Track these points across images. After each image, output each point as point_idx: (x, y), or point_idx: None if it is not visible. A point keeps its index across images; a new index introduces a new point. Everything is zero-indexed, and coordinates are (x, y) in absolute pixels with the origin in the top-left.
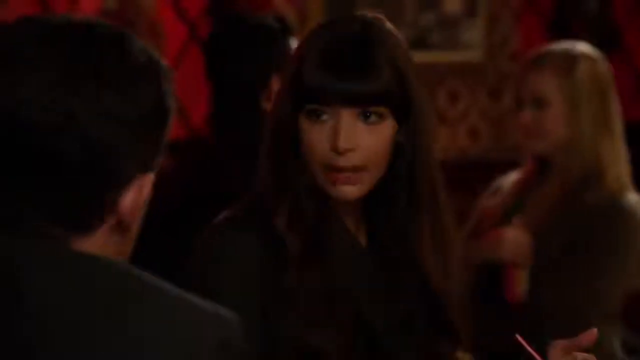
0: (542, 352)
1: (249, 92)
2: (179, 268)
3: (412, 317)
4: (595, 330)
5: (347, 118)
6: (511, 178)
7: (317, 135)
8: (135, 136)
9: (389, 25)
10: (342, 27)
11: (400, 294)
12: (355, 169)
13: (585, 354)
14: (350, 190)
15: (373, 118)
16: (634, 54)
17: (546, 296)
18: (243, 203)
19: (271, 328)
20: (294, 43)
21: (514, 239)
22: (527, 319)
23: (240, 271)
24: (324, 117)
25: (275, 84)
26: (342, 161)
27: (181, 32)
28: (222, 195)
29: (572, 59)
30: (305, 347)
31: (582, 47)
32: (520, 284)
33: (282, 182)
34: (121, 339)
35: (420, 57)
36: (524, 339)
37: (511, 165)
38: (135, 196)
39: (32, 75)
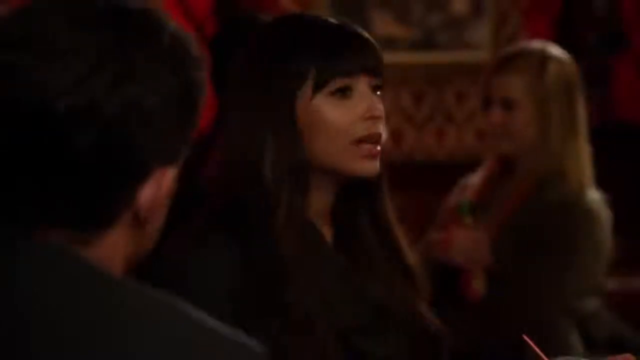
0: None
1: None
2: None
3: (386, 301)
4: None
5: (369, 88)
6: (477, 177)
7: (344, 110)
8: (158, 128)
9: None
10: (310, 16)
11: (371, 282)
12: (379, 140)
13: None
14: (375, 165)
15: (378, 89)
16: None
17: (505, 293)
18: (209, 213)
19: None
20: None
21: (465, 241)
22: (487, 317)
23: (211, 289)
24: (348, 92)
25: None
26: (377, 128)
27: (188, 32)
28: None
29: (542, 60)
30: None
31: (551, 48)
32: (476, 283)
33: (287, 175)
34: None
35: (427, 57)
36: (529, 338)
37: None
38: (154, 190)
39: (60, 64)
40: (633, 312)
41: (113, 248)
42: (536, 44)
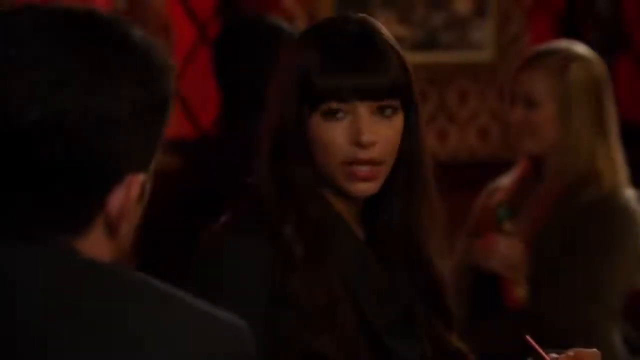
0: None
1: (258, 93)
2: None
3: (412, 309)
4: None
5: (365, 113)
6: (508, 179)
7: (335, 133)
8: (128, 136)
9: (376, 21)
10: (340, 26)
11: (400, 287)
12: (375, 163)
13: (590, 350)
14: (368, 187)
15: (388, 112)
16: None
17: (546, 297)
18: (244, 206)
19: (276, 333)
20: None
21: (505, 249)
22: (528, 321)
23: (244, 275)
24: (341, 114)
25: None
26: (364, 154)
27: (191, 33)
28: (230, 196)
29: (566, 60)
30: (311, 352)
31: (579, 48)
32: (518, 291)
33: (286, 186)
34: (124, 347)
35: (430, 57)
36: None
37: None
38: (124, 196)
39: (26, 76)
40: (633, 312)
41: (91, 253)
42: (563, 44)
